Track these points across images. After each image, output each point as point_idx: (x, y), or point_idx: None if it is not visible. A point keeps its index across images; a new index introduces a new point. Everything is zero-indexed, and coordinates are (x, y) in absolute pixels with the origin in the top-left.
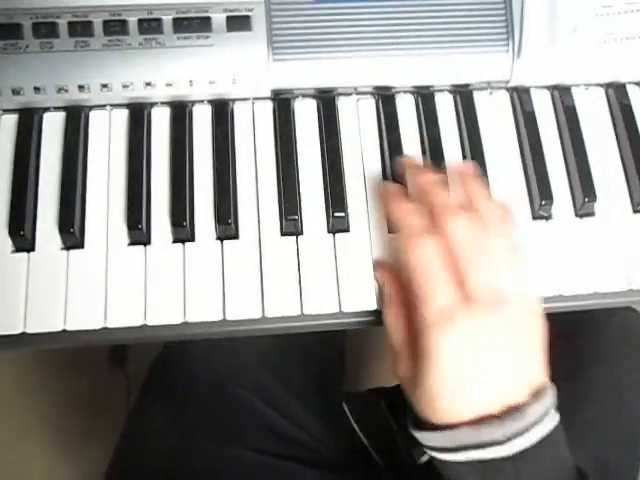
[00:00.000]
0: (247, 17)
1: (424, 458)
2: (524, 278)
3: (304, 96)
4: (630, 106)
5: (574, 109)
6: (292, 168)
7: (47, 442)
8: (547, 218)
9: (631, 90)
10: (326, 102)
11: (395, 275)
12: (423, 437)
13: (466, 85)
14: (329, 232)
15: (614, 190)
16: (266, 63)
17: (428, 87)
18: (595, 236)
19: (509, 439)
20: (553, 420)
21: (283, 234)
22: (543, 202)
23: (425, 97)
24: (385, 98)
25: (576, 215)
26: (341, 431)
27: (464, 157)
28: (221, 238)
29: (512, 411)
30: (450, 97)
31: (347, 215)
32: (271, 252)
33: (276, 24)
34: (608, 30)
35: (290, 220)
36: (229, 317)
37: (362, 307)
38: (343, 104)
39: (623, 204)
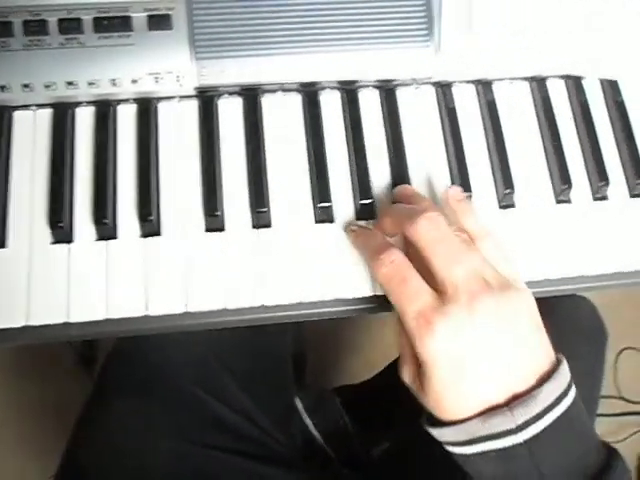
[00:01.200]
0: (168, 16)
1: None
2: (505, 265)
3: (230, 94)
4: (549, 99)
5: (494, 103)
6: (215, 165)
7: (14, 448)
8: None
9: (552, 83)
10: (251, 99)
11: None
12: (437, 433)
13: (390, 81)
14: (254, 227)
15: (536, 181)
16: (189, 61)
17: (353, 83)
18: (517, 227)
19: (521, 427)
20: (570, 398)
21: (207, 230)
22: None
23: (350, 93)
24: (310, 94)
25: (499, 207)
26: (295, 427)
27: (389, 154)
28: (145, 235)
29: (523, 398)
30: (376, 93)
31: (269, 210)
32: (195, 248)
33: (198, 22)
34: (525, 24)
35: (213, 216)
36: (151, 313)
37: (285, 300)
38: (268, 101)
39: (545, 195)
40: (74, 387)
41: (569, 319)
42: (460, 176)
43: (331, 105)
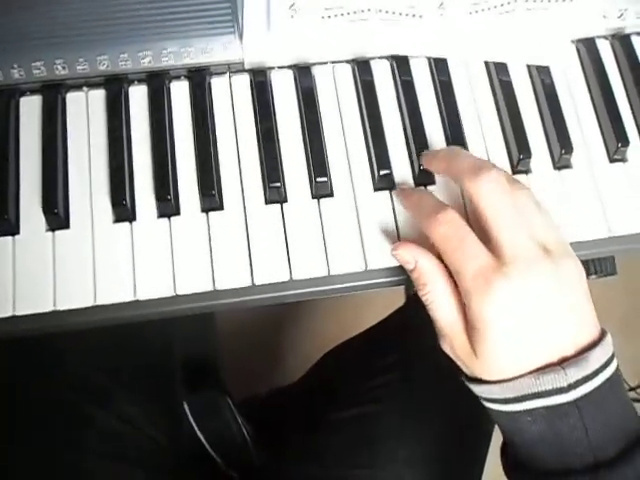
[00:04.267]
0: None
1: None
2: (557, 229)
3: (31, 91)
4: (372, 81)
5: (311, 89)
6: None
7: None
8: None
9: (375, 65)
10: (52, 96)
11: (427, 252)
12: (483, 390)
13: (200, 70)
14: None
15: (356, 166)
16: None
17: (163, 73)
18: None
19: (573, 386)
20: (613, 366)
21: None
22: (270, 185)
23: (158, 86)
24: (115, 95)
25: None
26: (184, 431)
27: (195, 149)
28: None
29: (574, 359)
30: (186, 84)
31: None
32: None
33: None
34: (330, 4)
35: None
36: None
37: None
38: (72, 98)
39: (364, 183)
40: None
41: None
42: (268, 168)
43: (139, 98)
